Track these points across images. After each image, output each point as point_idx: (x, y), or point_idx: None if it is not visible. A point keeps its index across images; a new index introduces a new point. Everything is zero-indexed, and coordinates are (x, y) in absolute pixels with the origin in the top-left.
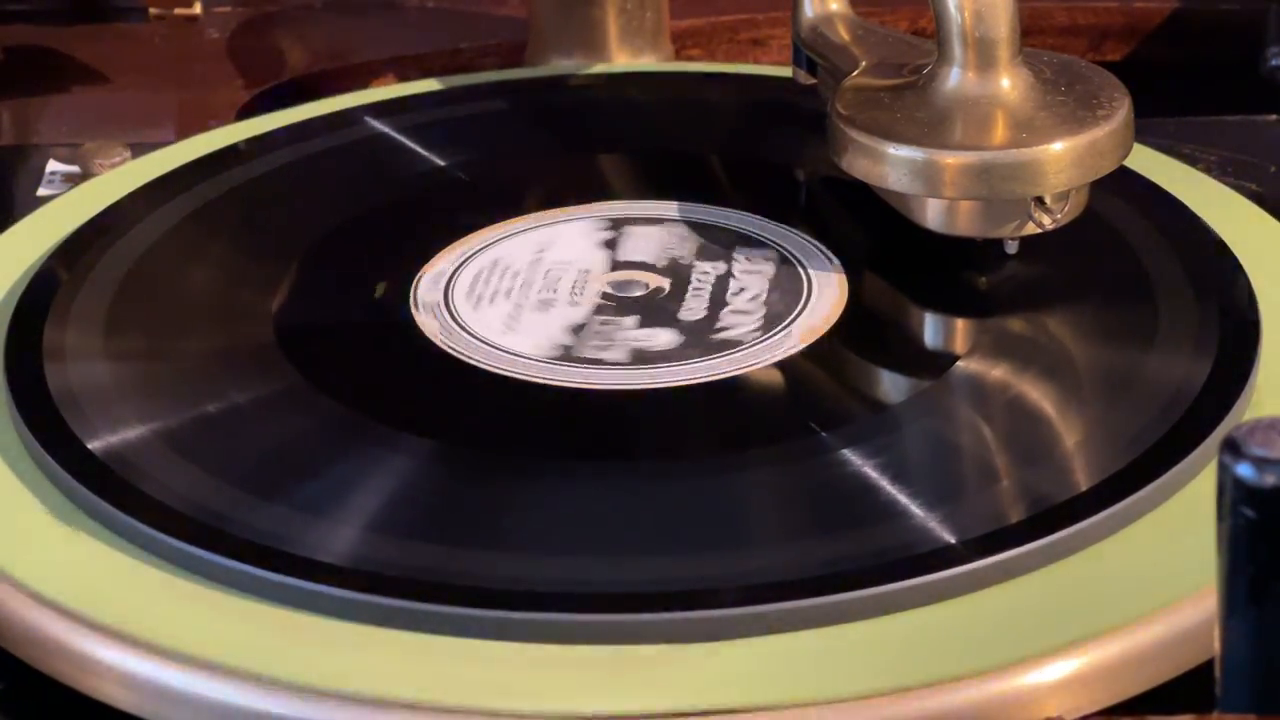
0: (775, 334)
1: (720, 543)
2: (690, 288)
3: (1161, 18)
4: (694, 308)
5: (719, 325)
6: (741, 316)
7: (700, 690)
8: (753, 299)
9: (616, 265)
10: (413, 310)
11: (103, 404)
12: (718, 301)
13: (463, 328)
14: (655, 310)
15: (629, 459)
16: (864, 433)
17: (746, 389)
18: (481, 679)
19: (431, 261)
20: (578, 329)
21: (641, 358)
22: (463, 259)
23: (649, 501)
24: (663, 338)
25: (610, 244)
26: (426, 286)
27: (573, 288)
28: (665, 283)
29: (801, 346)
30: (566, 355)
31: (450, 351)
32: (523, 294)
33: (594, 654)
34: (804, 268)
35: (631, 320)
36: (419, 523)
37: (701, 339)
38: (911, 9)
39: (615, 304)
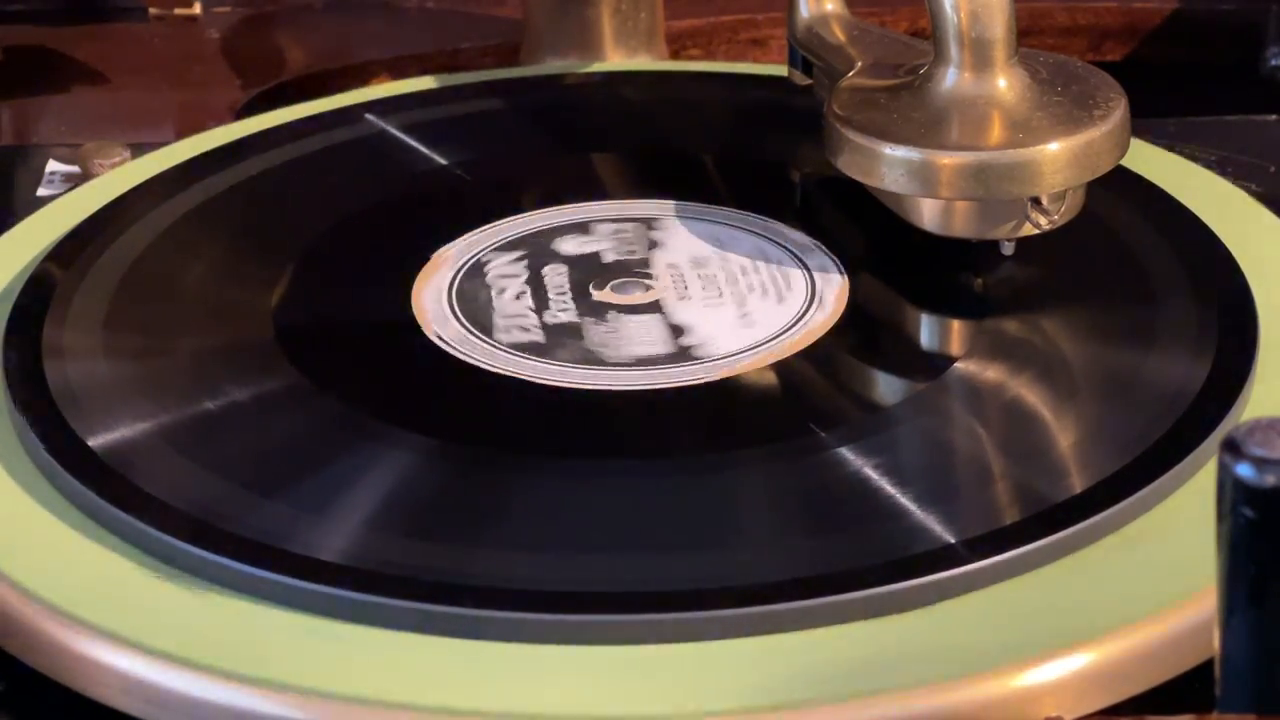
0: (788, 327)
1: (719, 543)
2: (686, 279)
3: (1161, 18)
4: (706, 296)
5: (744, 309)
6: (757, 296)
7: (699, 691)
8: (752, 278)
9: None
10: (412, 309)
11: (102, 403)
12: (723, 287)
13: (463, 325)
14: (672, 303)
15: (628, 459)
16: (864, 433)
17: (746, 389)
18: (481, 679)
19: (431, 260)
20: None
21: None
22: (462, 258)
23: (648, 502)
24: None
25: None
26: (426, 285)
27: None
28: (658, 278)
29: (801, 346)
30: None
31: (450, 352)
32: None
33: (593, 654)
34: (804, 268)
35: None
36: (418, 522)
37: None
38: (911, 9)
39: (625, 303)
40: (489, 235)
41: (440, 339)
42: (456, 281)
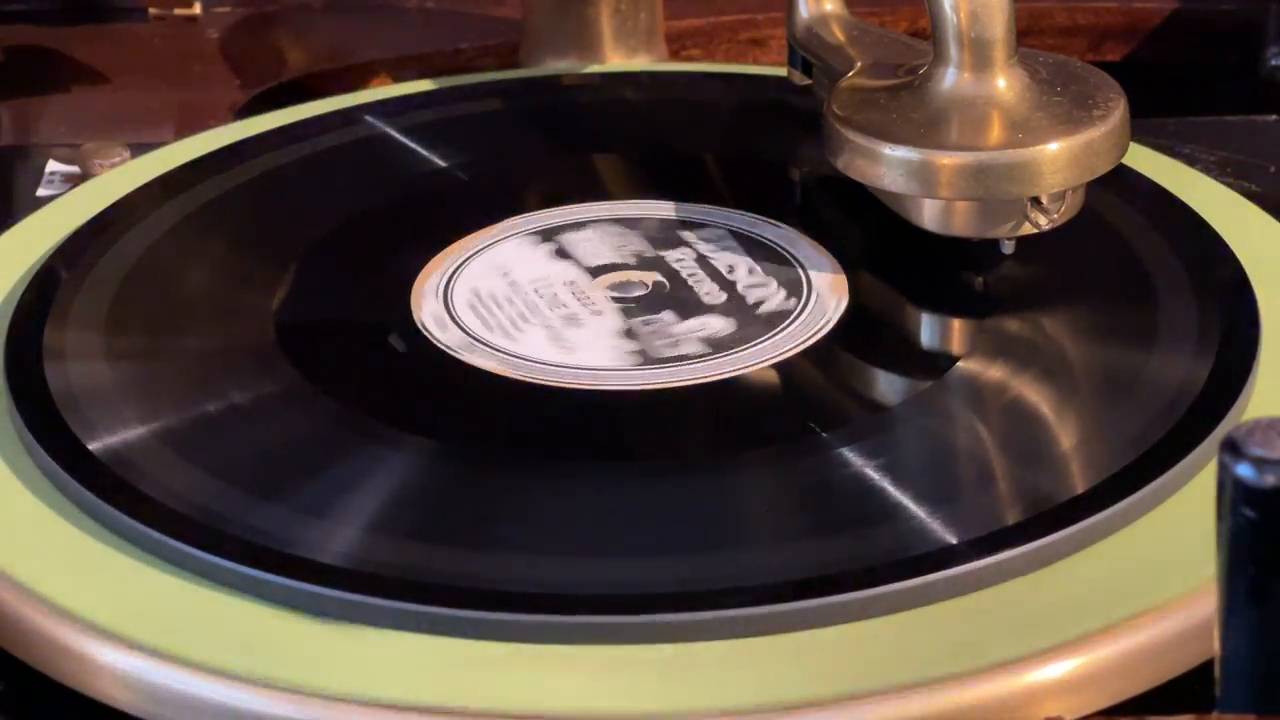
0: (788, 327)
1: (719, 543)
2: (686, 276)
3: (1161, 18)
4: (711, 292)
5: (751, 301)
6: (761, 290)
7: (699, 691)
8: (751, 271)
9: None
10: (412, 309)
11: (103, 404)
12: (725, 282)
13: (462, 327)
14: (681, 302)
15: (628, 460)
16: (865, 433)
17: (746, 389)
18: (481, 679)
19: (431, 261)
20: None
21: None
22: (461, 259)
23: (648, 502)
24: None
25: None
26: (426, 286)
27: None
28: (657, 276)
29: (802, 346)
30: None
31: (450, 353)
32: (538, 313)
33: (593, 655)
34: (803, 268)
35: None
36: (418, 523)
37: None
38: (911, 9)
39: (637, 304)
40: (489, 236)
41: (440, 340)
42: (456, 283)
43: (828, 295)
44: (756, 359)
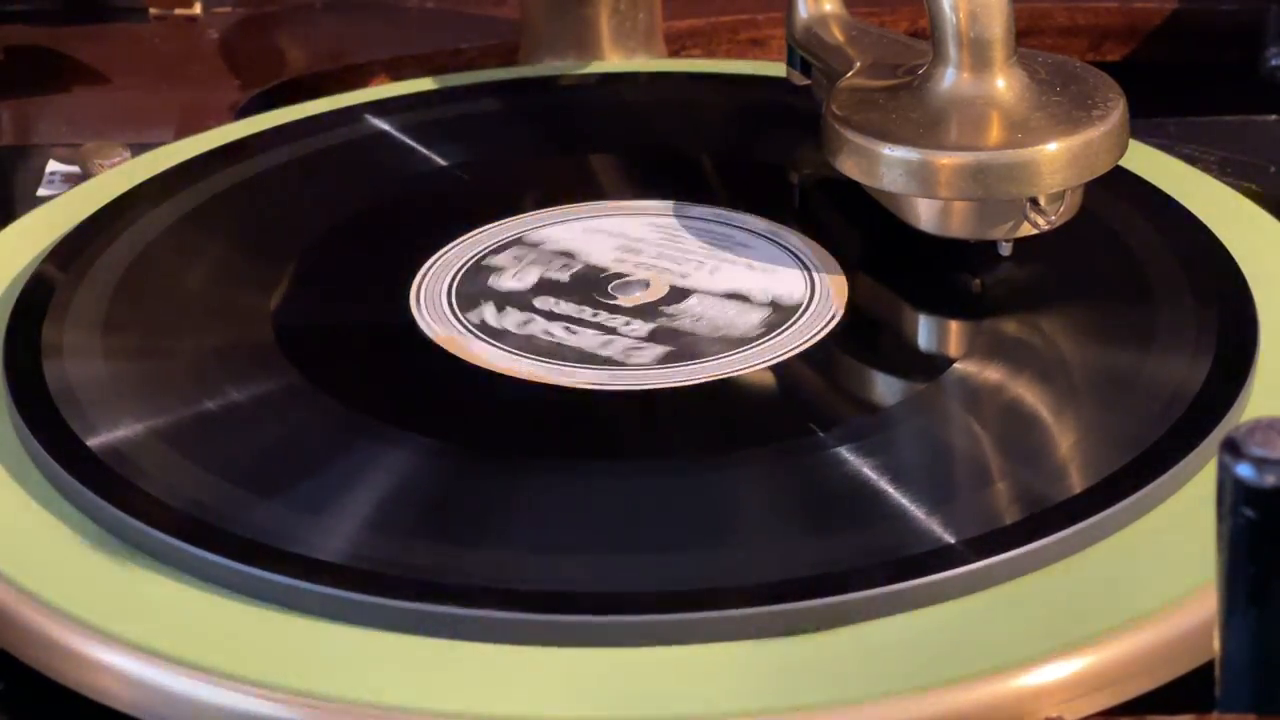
0: (787, 328)
1: (718, 544)
2: (685, 276)
3: (1161, 18)
4: (711, 291)
5: (752, 300)
6: (761, 290)
7: (699, 692)
8: (750, 269)
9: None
10: (412, 309)
11: (101, 402)
12: (725, 282)
13: (463, 327)
14: (678, 302)
15: (628, 459)
16: (863, 433)
17: (745, 389)
18: (481, 680)
19: (430, 261)
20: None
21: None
22: (461, 259)
23: (647, 502)
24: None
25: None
26: (425, 286)
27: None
28: (656, 276)
29: (801, 347)
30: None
31: (450, 352)
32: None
33: (593, 655)
34: (802, 268)
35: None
36: (418, 522)
37: (750, 316)
38: (911, 9)
39: (636, 303)
40: (488, 236)
41: (440, 340)
42: (456, 282)
43: (826, 296)
44: (755, 360)
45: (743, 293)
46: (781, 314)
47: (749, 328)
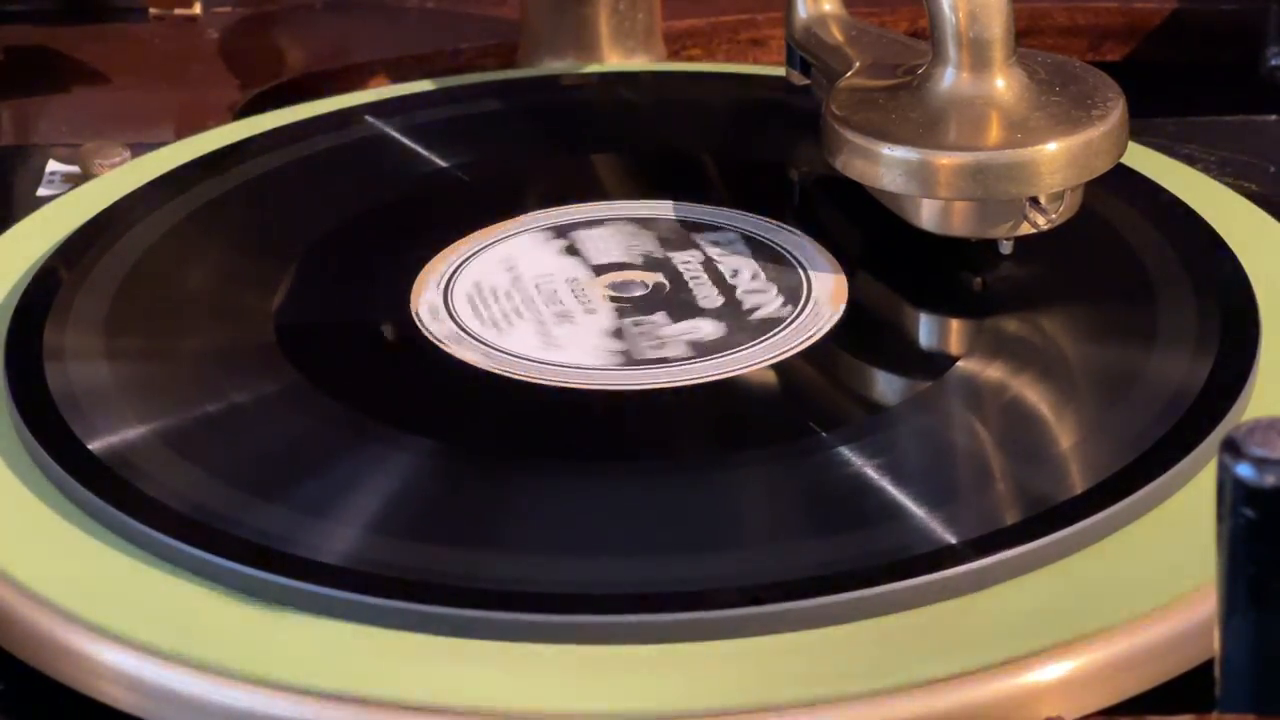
0: (787, 327)
1: (719, 543)
2: (688, 278)
3: (1161, 18)
4: (708, 295)
5: (747, 307)
6: (759, 295)
7: (698, 691)
8: (754, 277)
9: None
10: (412, 310)
11: (103, 404)
12: (725, 286)
13: (463, 328)
14: (676, 304)
15: (628, 459)
16: (864, 433)
17: (746, 389)
18: (482, 680)
19: (430, 261)
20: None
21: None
22: (461, 259)
23: (647, 502)
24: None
25: (572, 250)
26: (425, 286)
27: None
28: (658, 277)
29: (801, 346)
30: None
31: (450, 353)
32: (533, 309)
33: (593, 655)
34: (802, 268)
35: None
36: (419, 523)
37: (741, 322)
38: (911, 9)
39: (632, 304)
40: (488, 236)
41: (440, 340)
42: (456, 283)
43: (827, 295)
44: (756, 360)
45: (740, 296)
46: (779, 313)
47: (747, 328)
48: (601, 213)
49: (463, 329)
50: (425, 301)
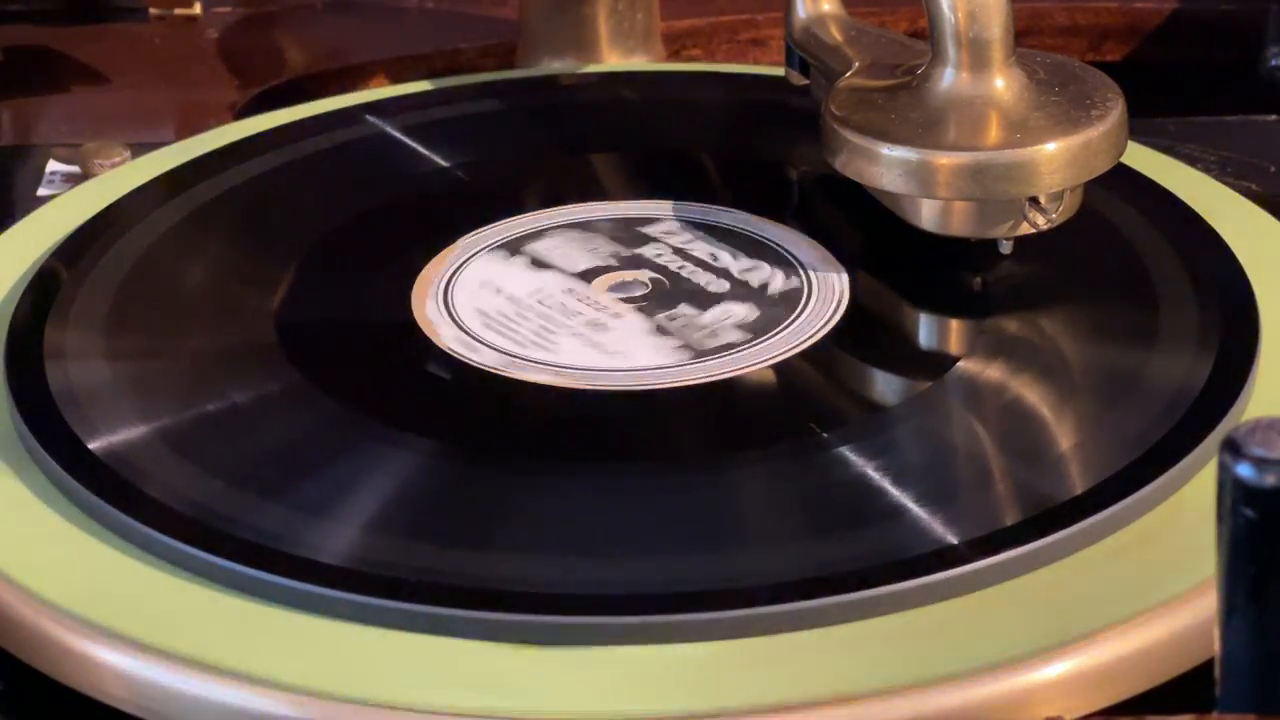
0: (786, 327)
1: (719, 544)
2: (676, 269)
3: (1161, 18)
4: (710, 281)
5: (755, 285)
6: (755, 272)
7: (699, 692)
8: (734, 256)
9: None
10: (412, 309)
11: (103, 404)
12: (716, 269)
13: (463, 327)
14: (691, 294)
15: (628, 460)
16: (864, 433)
17: (746, 389)
18: (482, 680)
19: (431, 261)
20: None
21: (756, 329)
22: (461, 259)
23: (647, 503)
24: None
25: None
26: (426, 286)
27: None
28: (649, 273)
29: (801, 346)
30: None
31: (450, 353)
32: (557, 323)
33: (593, 655)
34: (802, 268)
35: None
36: (419, 524)
37: (762, 298)
38: (910, 9)
39: (648, 302)
40: (488, 236)
41: (440, 340)
42: (456, 282)
43: (827, 295)
44: (756, 360)
45: (741, 293)
46: (781, 314)
47: (747, 328)
48: (601, 213)
49: (463, 329)
50: (425, 301)
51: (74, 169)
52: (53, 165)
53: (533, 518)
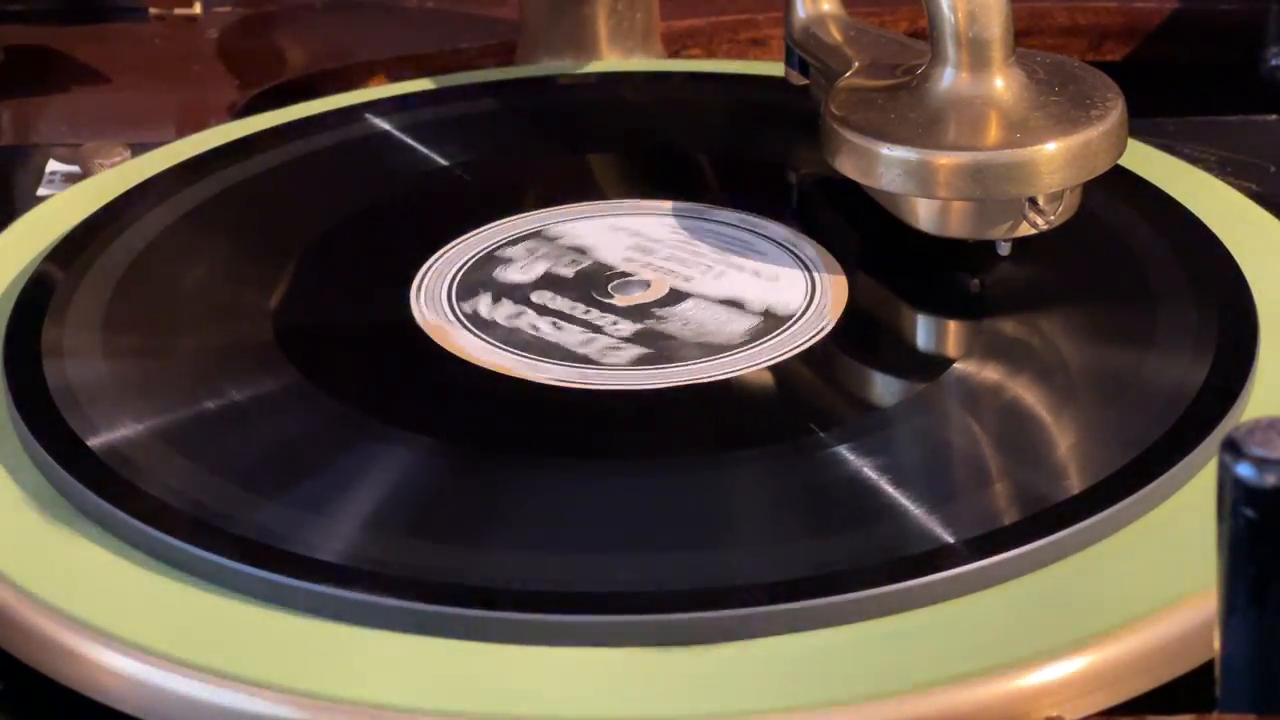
0: (786, 328)
1: (718, 544)
2: (681, 269)
3: (1161, 18)
4: (713, 281)
5: (753, 303)
6: (760, 291)
7: (698, 693)
8: (757, 275)
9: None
10: (412, 308)
11: (102, 402)
12: (724, 273)
13: (463, 327)
14: (691, 294)
15: (628, 459)
16: (863, 433)
17: (745, 389)
18: (481, 680)
19: (431, 260)
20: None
21: (756, 330)
22: (461, 258)
23: (647, 502)
24: (738, 311)
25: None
26: (425, 285)
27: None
28: (652, 273)
29: (801, 347)
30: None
31: (450, 352)
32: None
33: (592, 655)
34: (802, 268)
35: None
36: (418, 522)
37: (750, 318)
38: (910, 9)
39: (650, 302)
40: (488, 235)
41: (440, 339)
42: (456, 281)
43: (825, 295)
44: (755, 360)
45: (739, 296)
46: (779, 314)
47: (743, 330)
48: (601, 212)
49: (463, 328)
50: (425, 301)
51: (74, 169)
52: (53, 165)
53: (531, 516)
